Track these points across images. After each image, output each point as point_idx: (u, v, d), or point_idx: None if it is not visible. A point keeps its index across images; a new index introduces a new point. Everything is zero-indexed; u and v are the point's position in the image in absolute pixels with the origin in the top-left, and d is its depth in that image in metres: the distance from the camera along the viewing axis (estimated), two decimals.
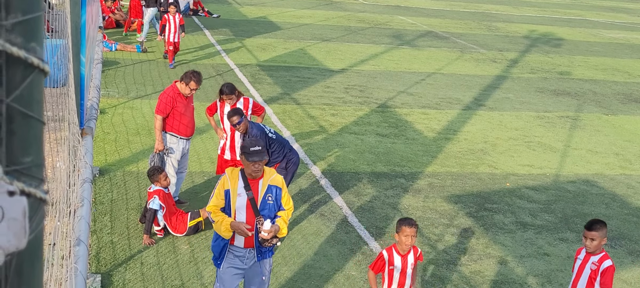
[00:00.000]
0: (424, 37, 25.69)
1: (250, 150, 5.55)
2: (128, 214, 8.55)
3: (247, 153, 5.55)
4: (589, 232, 5.80)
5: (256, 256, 5.79)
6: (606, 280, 5.76)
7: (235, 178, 5.66)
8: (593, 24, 35.60)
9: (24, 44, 0.86)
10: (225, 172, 5.72)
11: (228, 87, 8.85)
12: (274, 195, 5.73)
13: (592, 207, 10.19)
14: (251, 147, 5.57)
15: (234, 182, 5.65)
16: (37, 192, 0.90)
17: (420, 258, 6.05)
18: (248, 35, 22.45)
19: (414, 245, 5.93)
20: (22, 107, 0.87)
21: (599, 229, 5.79)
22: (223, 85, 8.93)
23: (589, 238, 5.81)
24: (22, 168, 0.88)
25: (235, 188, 5.64)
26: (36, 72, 0.88)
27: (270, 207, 5.72)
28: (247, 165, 5.58)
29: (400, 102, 15.44)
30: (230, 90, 8.79)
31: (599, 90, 18.81)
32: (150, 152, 10.40)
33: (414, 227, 5.83)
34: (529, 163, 11.97)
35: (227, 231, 5.64)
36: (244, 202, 5.65)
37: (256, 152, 5.54)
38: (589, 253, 5.87)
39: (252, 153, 5.54)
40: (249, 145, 5.60)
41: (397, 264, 5.87)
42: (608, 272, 5.75)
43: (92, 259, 7.35)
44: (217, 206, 5.70)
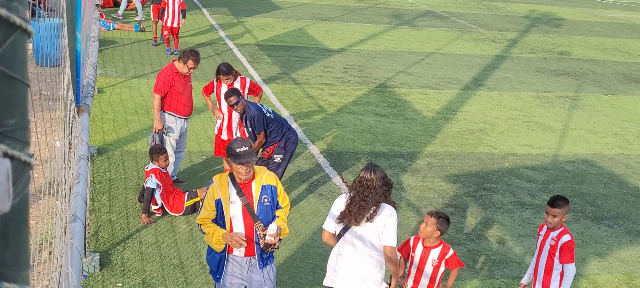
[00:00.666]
0: (424, 16, 25.58)
1: (236, 151, 4.99)
2: (126, 193, 8.54)
3: (234, 155, 4.99)
4: (551, 208, 5.77)
5: (258, 264, 5.28)
6: (565, 254, 5.77)
7: (225, 185, 5.11)
8: (593, 4, 35.45)
9: (6, 2, 0.84)
10: (212, 181, 5.16)
11: (225, 66, 8.77)
12: (270, 195, 5.21)
13: (590, 186, 10.20)
14: (237, 148, 5.00)
15: (224, 190, 5.10)
16: (22, 155, 0.89)
17: (450, 262, 5.56)
18: (247, 14, 22.35)
19: (446, 244, 5.66)
20: (5, 68, 0.85)
21: (562, 206, 5.75)
22: (220, 65, 8.84)
23: (551, 215, 5.77)
24: (5, 130, 0.87)
25: (226, 196, 5.09)
26: (19, 32, 0.86)
27: (267, 210, 5.20)
28: (235, 168, 5.04)
29: (399, 81, 15.40)
30: (227, 69, 8.71)
31: (599, 70, 18.76)
32: (149, 131, 10.39)
33: (433, 216, 5.51)
34: (527, 143, 11.96)
35: (219, 243, 5.10)
36: (239, 209, 5.12)
37: (244, 154, 4.99)
38: (549, 229, 5.87)
39: (239, 155, 4.98)
40: (235, 146, 5.02)
41: (417, 253, 5.62)
42: (566, 246, 5.76)
43: (91, 238, 7.35)
44: (207, 218, 5.16)
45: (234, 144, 5.07)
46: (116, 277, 6.70)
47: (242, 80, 8.89)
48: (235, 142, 5.08)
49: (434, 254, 5.60)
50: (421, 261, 5.62)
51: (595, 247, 8.30)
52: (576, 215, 9.13)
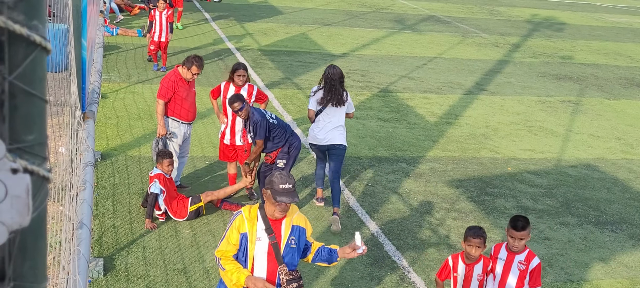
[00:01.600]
0: (426, 21, 25.61)
1: (279, 188, 4.49)
2: (130, 199, 8.57)
3: (276, 191, 4.50)
4: (518, 232, 5.33)
5: None
6: (536, 279, 5.46)
7: (254, 219, 4.63)
8: (595, 8, 35.46)
9: (26, 21, 0.86)
10: (241, 211, 4.68)
11: (243, 64, 9.00)
12: (298, 237, 4.76)
13: (593, 191, 10.20)
14: (281, 183, 4.50)
15: (251, 225, 4.62)
16: (40, 170, 0.91)
17: (492, 271, 5.52)
18: (249, 19, 22.40)
19: (485, 256, 5.53)
20: (25, 85, 0.87)
21: (527, 227, 5.37)
22: (236, 63, 9.00)
23: (518, 239, 5.35)
24: (25, 146, 0.89)
25: (253, 231, 4.61)
26: (38, 50, 0.88)
27: (293, 252, 4.74)
28: (272, 204, 4.55)
29: (401, 86, 15.42)
30: (245, 66, 8.93)
31: (601, 75, 18.77)
32: (152, 136, 10.42)
33: (480, 237, 5.34)
34: (530, 147, 11.97)
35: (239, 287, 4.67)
36: (265, 248, 4.63)
37: (287, 192, 4.52)
38: (514, 252, 5.46)
39: (283, 193, 4.50)
40: (278, 181, 4.52)
41: (461, 272, 5.51)
42: (537, 270, 5.45)
43: (95, 243, 7.38)
44: (228, 252, 4.66)
45: (277, 178, 4.56)
46: (120, 282, 6.72)
47: (250, 88, 8.94)
48: (279, 177, 4.56)
49: (477, 269, 5.49)
50: (466, 280, 5.51)
51: (599, 252, 8.30)
52: (579, 220, 9.14)
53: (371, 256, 7.69)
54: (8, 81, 0.85)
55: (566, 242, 8.48)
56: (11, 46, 0.85)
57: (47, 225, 0.99)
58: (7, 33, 0.84)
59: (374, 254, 7.75)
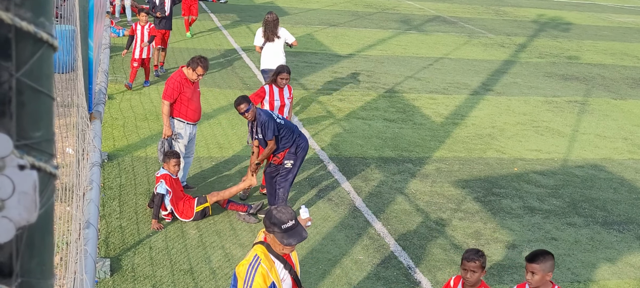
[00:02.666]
0: (432, 21, 25.59)
1: (286, 226, 4.26)
2: (136, 199, 8.59)
3: (283, 234, 4.27)
4: (529, 263, 4.88)
5: None
6: None
7: (272, 263, 4.38)
8: (602, 8, 35.36)
9: (33, 18, 0.86)
10: (260, 262, 4.31)
11: (288, 68, 9.19)
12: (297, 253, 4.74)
13: (600, 191, 10.18)
14: (284, 223, 4.25)
15: (273, 271, 4.36)
16: (47, 167, 0.91)
17: None
18: (255, 20, 22.41)
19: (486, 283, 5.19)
20: (32, 82, 0.88)
21: (542, 262, 4.85)
22: (281, 66, 9.21)
23: (530, 272, 4.88)
24: (32, 142, 0.89)
25: (277, 276, 4.38)
26: (45, 47, 0.89)
27: None
28: (281, 247, 4.32)
29: (407, 87, 15.41)
30: (288, 70, 9.14)
31: (608, 75, 18.72)
32: (158, 137, 10.44)
33: (475, 261, 5.01)
34: (536, 148, 11.94)
35: None
36: (289, 283, 4.50)
37: (294, 232, 4.30)
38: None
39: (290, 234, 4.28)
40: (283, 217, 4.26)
41: None
42: None
43: (101, 244, 7.40)
44: None
45: (280, 215, 4.26)
46: (126, 283, 6.74)
47: (289, 89, 9.33)
48: (280, 213, 4.27)
49: None
50: None
51: (605, 252, 8.28)
52: (586, 220, 9.11)
53: (377, 256, 7.69)
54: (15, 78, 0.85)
55: (573, 242, 8.46)
56: (18, 43, 0.86)
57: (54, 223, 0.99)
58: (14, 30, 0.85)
59: (380, 254, 7.75)
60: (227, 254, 7.41)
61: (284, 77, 9.06)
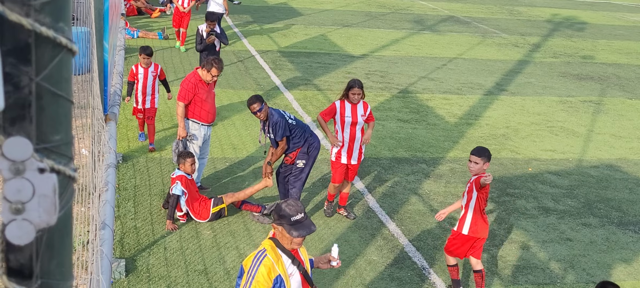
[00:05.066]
0: (446, 22, 25.52)
1: (293, 220, 4.24)
2: (151, 200, 8.63)
3: (291, 225, 4.25)
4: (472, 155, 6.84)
5: None
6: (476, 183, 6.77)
7: (279, 256, 4.33)
8: (617, 7, 35.11)
9: (53, 23, 0.88)
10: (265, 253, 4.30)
11: (359, 82, 8.18)
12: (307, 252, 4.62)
13: (615, 191, 10.11)
14: (293, 216, 4.24)
15: (280, 264, 4.31)
16: (66, 170, 0.93)
17: None
18: (269, 21, 22.45)
19: None
20: (51, 86, 0.89)
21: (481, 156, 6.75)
22: (353, 80, 8.20)
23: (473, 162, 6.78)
24: (51, 146, 0.91)
25: (284, 270, 4.32)
26: (64, 52, 0.90)
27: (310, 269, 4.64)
28: (289, 239, 4.29)
29: (421, 87, 15.38)
30: (360, 85, 8.15)
31: (623, 74, 18.59)
32: (173, 138, 10.48)
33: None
34: (551, 148, 11.88)
35: None
36: (298, 280, 4.42)
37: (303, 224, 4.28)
38: None
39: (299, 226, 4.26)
40: (291, 211, 4.25)
41: None
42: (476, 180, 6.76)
43: (116, 244, 7.44)
44: None
45: (287, 210, 4.26)
46: (141, 283, 6.77)
47: (365, 105, 8.29)
48: (288, 208, 4.26)
49: None
50: None
51: (621, 253, 8.22)
52: (601, 221, 9.05)
53: (391, 257, 7.68)
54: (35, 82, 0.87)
55: (588, 243, 8.41)
56: (38, 48, 0.87)
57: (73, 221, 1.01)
58: (33, 35, 0.86)
59: (394, 255, 7.74)
60: (241, 255, 7.43)
61: (355, 92, 8.05)
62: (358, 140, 8.23)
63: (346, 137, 8.23)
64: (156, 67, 10.32)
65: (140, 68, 10.17)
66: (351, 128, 8.18)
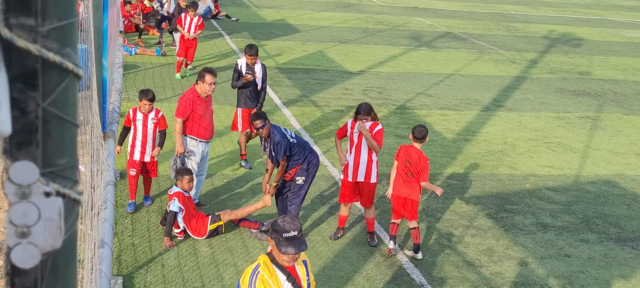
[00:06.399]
0: (442, 38, 25.62)
1: (284, 236, 4.18)
2: (149, 217, 8.61)
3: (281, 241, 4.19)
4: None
5: None
6: None
7: (274, 273, 4.28)
8: (613, 24, 35.29)
9: (59, 49, 0.89)
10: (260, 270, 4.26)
11: (366, 107, 8.15)
12: (307, 271, 4.51)
13: (613, 207, 10.12)
14: (285, 232, 4.18)
15: (274, 280, 4.26)
16: (72, 193, 0.93)
17: None
18: (266, 38, 22.53)
19: None
20: (58, 111, 0.90)
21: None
22: (360, 105, 8.21)
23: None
24: (57, 169, 0.91)
25: (279, 284, 4.28)
26: (71, 77, 0.91)
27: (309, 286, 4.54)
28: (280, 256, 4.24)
29: (418, 103, 15.41)
30: (367, 110, 8.11)
31: (620, 90, 18.66)
32: (170, 155, 10.48)
33: None
34: (549, 164, 11.90)
35: None
36: None
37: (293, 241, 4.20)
38: None
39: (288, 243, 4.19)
40: (285, 227, 4.20)
41: None
42: None
43: (114, 261, 7.42)
44: None
45: (281, 225, 4.21)
46: None
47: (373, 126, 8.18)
48: (283, 223, 4.22)
49: None
50: None
51: (619, 269, 8.22)
52: (599, 237, 9.06)
53: (389, 273, 7.67)
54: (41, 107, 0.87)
55: (586, 259, 8.41)
56: (44, 73, 0.88)
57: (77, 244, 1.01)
58: (40, 61, 0.87)
59: (392, 271, 7.73)
60: (239, 272, 7.41)
61: (362, 118, 8.07)
62: (364, 159, 8.23)
63: (352, 156, 8.26)
64: (157, 113, 8.92)
65: (139, 113, 8.78)
66: (356, 148, 8.20)
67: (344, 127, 8.39)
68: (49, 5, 0.86)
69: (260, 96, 10.70)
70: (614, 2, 50.21)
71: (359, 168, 8.23)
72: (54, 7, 0.87)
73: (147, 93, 8.80)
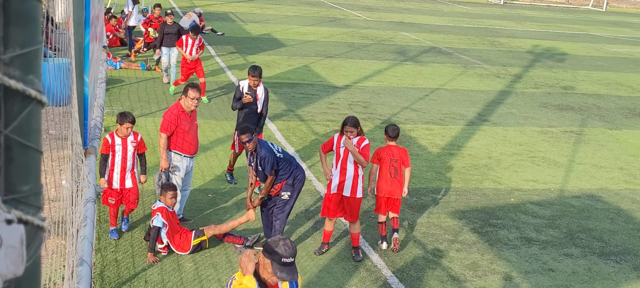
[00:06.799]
0: (428, 52, 25.74)
1: (282, 261, 4.11)
2: (132, 232, 8.56)
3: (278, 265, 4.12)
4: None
5: None
6: None
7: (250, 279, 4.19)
8: (596, 39, 35.62)
9: (22, 76, 0.88)
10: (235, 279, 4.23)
11: (352, 119, 8.18)
12: None
13: (597, 222, 10.17)
14: (285, 257, 4.11)
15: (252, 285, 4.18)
16: (35, 220, 0.93)
17: None
18: (252, 52, 22.54)
19: None
20: (20, 138, 0.89)
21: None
22: (347, 118, 8.23)
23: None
24: (20, 196, 0.91)
25: None
26: (34, 103, 0.90)
27: None
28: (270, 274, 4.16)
29: (404, 117, 15.46)
30: (353, 123, 8.13)
31: (603, 105, 18.80)
32: (155, 170, 10.43)
33: None
34: (533, 178, 11.95)
35: None
36: None
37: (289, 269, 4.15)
38: None
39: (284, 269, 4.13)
40: (283, 252, 4.11)
41: None
42: None
43: (97, 278, 7.36)
44: None
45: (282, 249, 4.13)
46: None
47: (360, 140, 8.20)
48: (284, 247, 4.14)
49: None
50: None
51: (603, 283, 8.25)
52: (583, 251, 9.10)
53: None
54: (4, 135, 0.87)
55: (570, 273, 8.44)
56: (7, 101, 0.87)
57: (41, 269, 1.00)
58: (2, 88, 0.86)
59: (376, 287, 7.71)
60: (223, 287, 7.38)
61: (347, 130, 8.10)
62: (350, 174, 8.22)
63: (337, 171, 8.25)
64: (136, 136, 8.38)
65: (117, 137, 8.21)
66: (342, 163, 8.20)
67: (329, 141, 8.38)
68: (11, 33, 0.86)
69: (260, 120, 10.41)
70: (597, 18, 50.71)
71: (345, 183, 8.23)
72: (17, 34, 0.87)
73: (127, 116, 8.25)
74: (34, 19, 0.88)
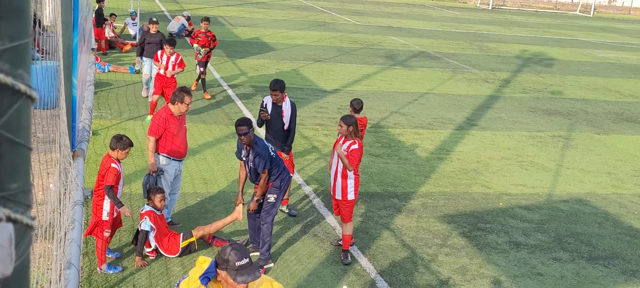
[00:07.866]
0: (417, 57, 25.80)
1: (237, 265, 3.78)
2: (120, 235, 8.50)
3: (234, 270, 3.79)
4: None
5: None
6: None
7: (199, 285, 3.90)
8: (584, 44, 35.83)
9: (11, 70, 0.86)
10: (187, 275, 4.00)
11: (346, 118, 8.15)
12: None
13: (585, 226, 10.21)
14: (237, 261, 3.78)
15: None
16: (24, 218, 0.90)
17: None
18: (241, 56, 22.50)
19: None
20: (10, 134, 0.87)
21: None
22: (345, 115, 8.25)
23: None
24: (8, 194, 0.88)
25: None
26: (24, 99, 0.88)
27: None
28: (233, 285, 3.80)
29: (393, 122, 15.47)
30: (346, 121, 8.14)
31: (591, 110, 18.90)
32: (143, 173, 10.38)
33: None
34: (521, 182, 11.99)
35: None
36: None
37: (247, 269, 3.82)
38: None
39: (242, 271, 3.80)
40: (234, 258, 3.79)
41: None
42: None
43: (84, 282, 7.30)
44: None
45: (232, 255, 3.80)
46: None
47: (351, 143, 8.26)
48: (233, 253, 3.80)
49: None
50: None
51: (591, 287, 8.28)
52: (571, 255, 9.12)
53: None
54: None
55: (558, 277, 8.46)
56: None
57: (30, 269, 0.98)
58: None
59: None
60: None
61: (340, 124, 8.17)
62: (340, 175, 8.27)
63: (332, 172, 8.41)
64: None
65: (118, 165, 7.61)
66: (336, 165, 8.32)
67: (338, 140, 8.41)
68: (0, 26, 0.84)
69: (288, 138, 9.59)
70: (584, 23, 51.02)
71: (336, 185, 8.28)
72: (6, 27, 0.85)
73: (128, 140, 7.65)
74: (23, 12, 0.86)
